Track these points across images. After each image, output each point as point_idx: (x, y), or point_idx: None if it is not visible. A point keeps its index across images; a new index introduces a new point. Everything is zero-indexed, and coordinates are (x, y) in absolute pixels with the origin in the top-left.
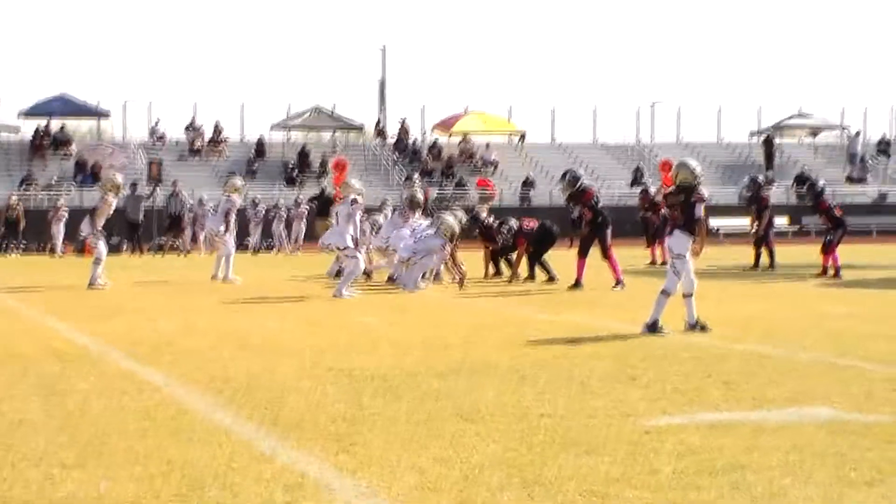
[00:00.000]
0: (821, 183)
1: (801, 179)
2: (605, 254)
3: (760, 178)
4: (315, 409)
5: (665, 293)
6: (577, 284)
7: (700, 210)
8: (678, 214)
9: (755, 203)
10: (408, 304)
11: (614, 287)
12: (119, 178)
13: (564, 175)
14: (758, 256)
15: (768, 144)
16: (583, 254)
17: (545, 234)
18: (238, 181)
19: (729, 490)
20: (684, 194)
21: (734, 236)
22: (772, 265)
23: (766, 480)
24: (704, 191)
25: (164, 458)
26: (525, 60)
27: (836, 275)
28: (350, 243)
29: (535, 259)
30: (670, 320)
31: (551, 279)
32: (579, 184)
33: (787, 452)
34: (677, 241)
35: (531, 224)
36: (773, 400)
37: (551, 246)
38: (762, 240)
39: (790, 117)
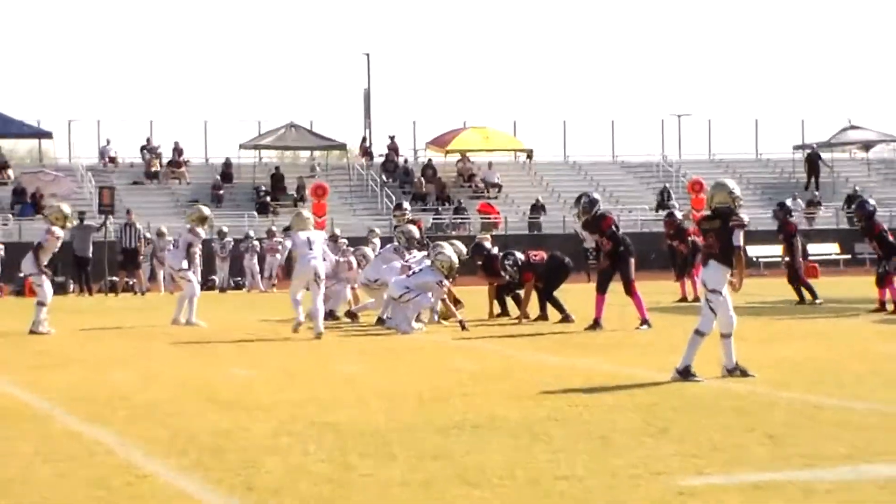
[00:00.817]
0: (871, 202)
1: (851, 199)
2: (628, 289)
3: (789, 202)
4: (295, 471)
5: (699, 333)
6: (595, 324)
7: (739, 237)
8: (713, 242)
9: (782, 231)
10: (400, 349)
11: (639, 327)
12: (66, 209)
13: (579, 199)
14: (799, 290)
15: (812, 161)
16: (602, 289)
17: (556, 266)
18: (204, 210)
19: None
20: (720, 219)
21: (776, 267)
22: (814, 297)
23: None
24: (744, 215)
25: None
26: (532, 68)
27: None
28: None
29: (546, 296)
30: (706, 365)
31: (565, 318)
32: (596, 209)
33: None
34: (713, 273)
35: (539, 256)
36: (827, 457)
37: (564, 280)
38: (795, 271)
39: (840, 130)
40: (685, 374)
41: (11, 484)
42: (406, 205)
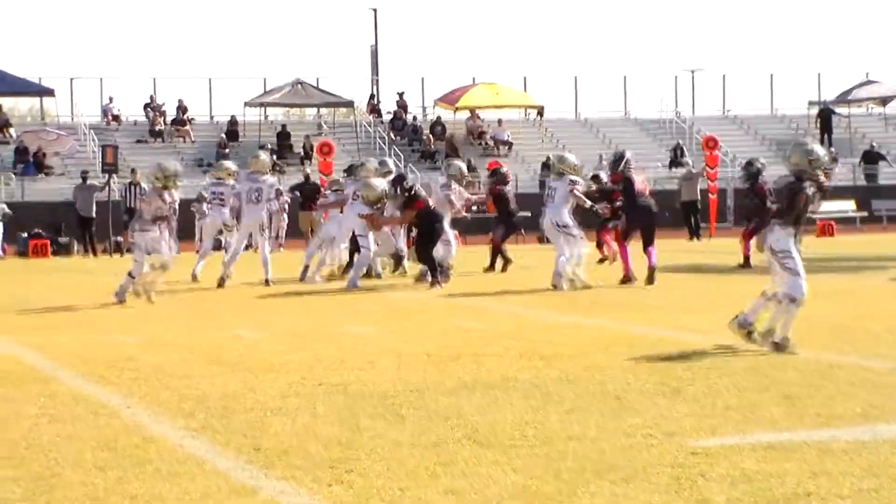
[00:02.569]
0: (761, 162)
1: (868, 156)
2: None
3: (760, 161)
4: (304, 432)
5: (792, 300)
6: (627, 279)
7: (806, 201)
8: (780, 203)
9: (753, 195)
10: (408, 309)
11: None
12: (172, 167)
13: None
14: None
15: (825, 117)
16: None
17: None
18: (231, 165)
19: None
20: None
21: None
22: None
23: None
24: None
25: (127, 494)
26: (542, 23)
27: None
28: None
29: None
30: (711, 323)
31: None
32: (621, 165)
33: (860, 478)
34: (777, 235)
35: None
36: (843, 416)
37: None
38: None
39: (856, 85)
40: (781, 346)
41: (17, 445)
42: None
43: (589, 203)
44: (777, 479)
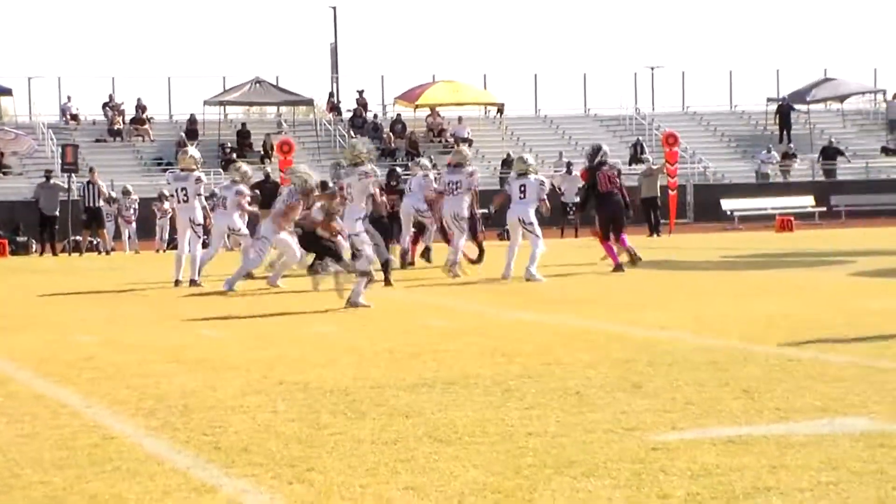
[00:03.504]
0: (605, 148)
1: (827, 151)
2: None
3: (604, 148)
4: (264, 430)
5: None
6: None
7: None
8: None
9: (590, 183)
10: (373, 309)
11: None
12: (313, 179)
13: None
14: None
15: (783, 113)
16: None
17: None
18: (244, 166)
19: None
20: None
21: (751, 220)
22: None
23: None
24: None
25: (87, 493)
26: (502, 20)
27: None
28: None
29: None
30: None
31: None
32: (597, 158)
33: (819, 471)
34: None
35: None
36: (802, 410)
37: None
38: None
39: (815, 83)
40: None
41: None
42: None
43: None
44: (737, 473)
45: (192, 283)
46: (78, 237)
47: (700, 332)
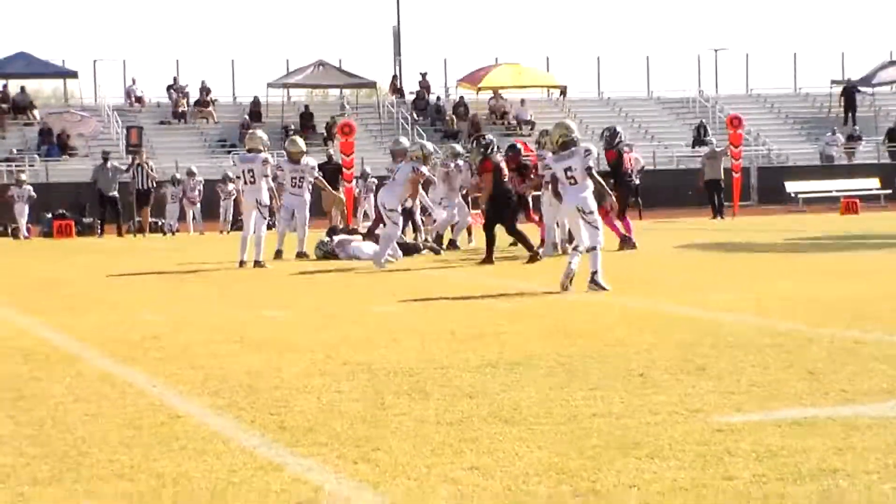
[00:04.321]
0: (619, 128)
1: (893, 133)
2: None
3: (620, 129)
4: (329, 410)
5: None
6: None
7: None
8: None
9: (615, 169)
10: (432, 288)
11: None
12: (429, 146)
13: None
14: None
15: (849, 95)
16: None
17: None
18: (428, 146)
19: (819, 499)
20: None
21: (816, 203)
22: (627, 243)
23: (862, 487)
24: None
25: (154, 472)
26: (565, 3)
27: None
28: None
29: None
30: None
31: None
32: (616, 141)
33: (886, 454)
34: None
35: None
36: (868, 392)
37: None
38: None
39: (879, 66)
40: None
41: (43, 424)
42: (405, 141)
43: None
44: (802, 455)
45: (257, 264)
46: (139, 218)
47: (764, 314)
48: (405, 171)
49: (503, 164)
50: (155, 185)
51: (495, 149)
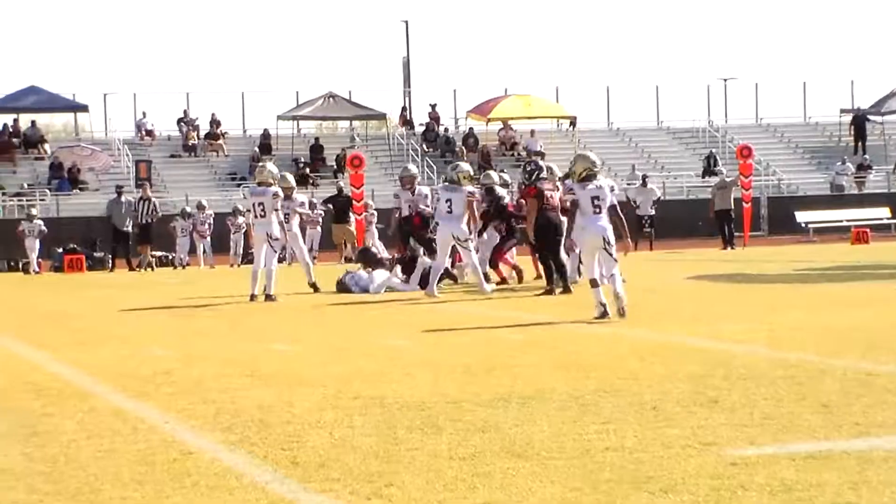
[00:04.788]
0: (541, 162)
1: None
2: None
3: (541, 161)
4: (341, 445)
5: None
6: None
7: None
8: None
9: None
10: (444, 321)
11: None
12: (466, 166)
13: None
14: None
15: (858, 124)
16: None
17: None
18: (464, 167)
19: None
20: None
21: (826, 232)
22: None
23: None
24: None
25: None
26: (573, 33)
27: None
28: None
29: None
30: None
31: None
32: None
33: None
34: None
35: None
36: (882, 425)
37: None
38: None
39: (888, 94)
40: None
41: (56, 461)
42: (413, 168)
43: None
44: (817, 489)
45: (268, 297)
46: (155, 253)
47: (776, 345)
48: (461, 199)
49: (548, 191)
50: (155, 220)
51: (542, 174)
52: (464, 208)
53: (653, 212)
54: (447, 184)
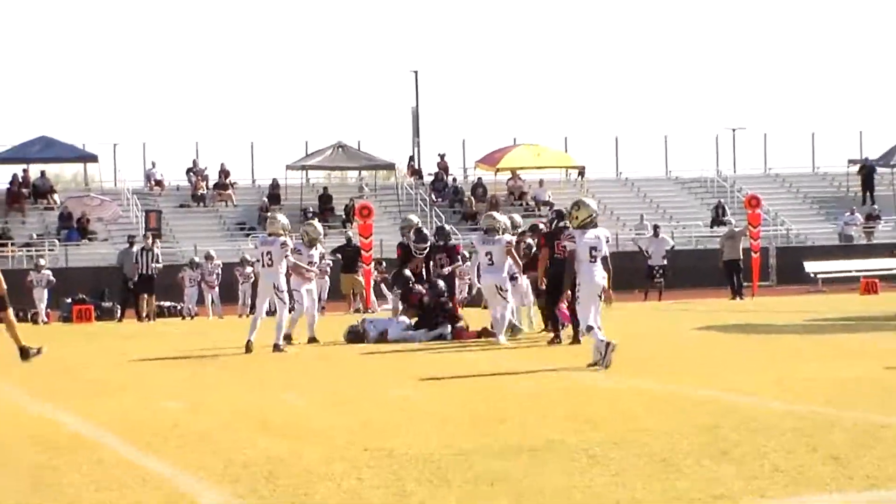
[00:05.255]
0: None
1: None
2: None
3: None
4: (350, 497)
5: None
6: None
7: None
8: None
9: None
10: (452, 371)
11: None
12: (499, 216)
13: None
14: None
15: (867, 173)
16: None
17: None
18: (516, 218)
19: None
20: None
21: (835, 283)
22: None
23: None
24: None
25: None
26: (582, 83)
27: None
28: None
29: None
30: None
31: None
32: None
33: None
34: None
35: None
36: (893, 477)
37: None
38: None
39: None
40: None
41: None
42: (414, 218)
43: None
44: None
45: (276, 347)
46: (163, 303)
47: (785, 396)
48: (500, 249)
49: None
50: (156, 271)
51: (558, 224)
52: (503, 257)
53: (665, 262)
54: (484, 235)
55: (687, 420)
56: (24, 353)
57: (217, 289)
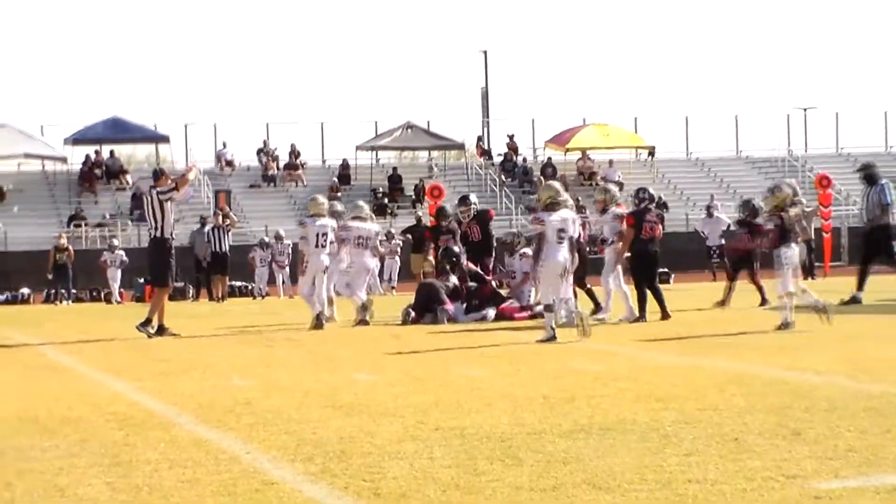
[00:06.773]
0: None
1: None
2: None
3: (755, 201)
4: (422, 476)
5: None
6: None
7: None
8: None
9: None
10: (522, 352)
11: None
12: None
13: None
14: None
15: None
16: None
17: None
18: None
19: None
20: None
21: None
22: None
23: None
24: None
25: None
26: (652, 63)
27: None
28: None
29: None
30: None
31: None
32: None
33: None
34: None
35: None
36: None
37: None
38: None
39: None
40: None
41: (139, 491)
42: (473, 198)
43: None
44: None
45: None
46: (234, 283)
47: (857, 376)
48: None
49: (648, 221)
50: (229, 250)
51: (645, 204)
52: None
53: (722, 241)
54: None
55: (758, 400)
56: (149, 325)
57: (287, 269)
